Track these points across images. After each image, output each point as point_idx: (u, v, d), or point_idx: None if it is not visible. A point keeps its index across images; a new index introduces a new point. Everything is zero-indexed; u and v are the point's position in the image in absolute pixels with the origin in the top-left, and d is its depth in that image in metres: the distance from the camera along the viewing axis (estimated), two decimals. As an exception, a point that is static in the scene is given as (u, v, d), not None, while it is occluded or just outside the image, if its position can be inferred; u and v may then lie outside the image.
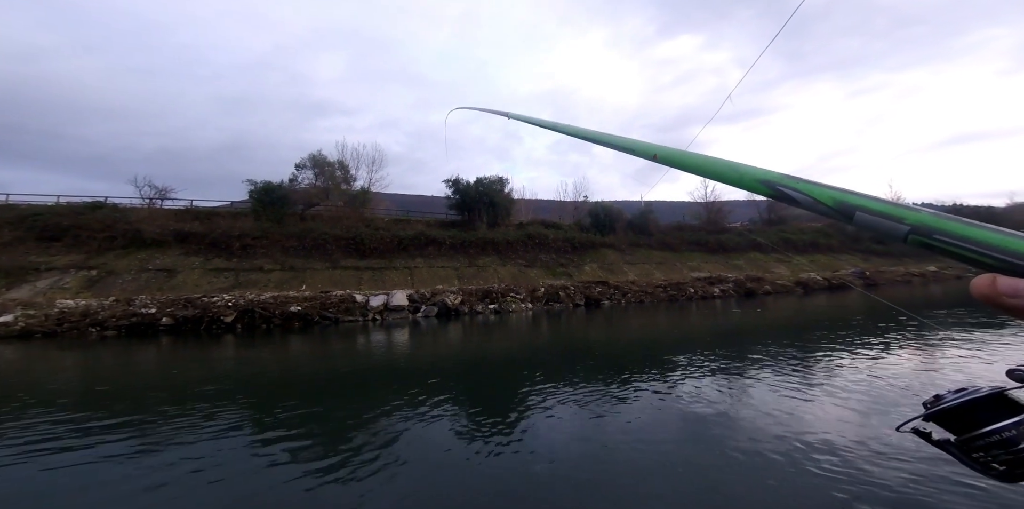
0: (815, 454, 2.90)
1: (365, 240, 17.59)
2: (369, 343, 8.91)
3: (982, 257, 0.27)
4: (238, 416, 4.12)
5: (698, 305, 14.95)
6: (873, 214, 0.31)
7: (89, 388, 5.47)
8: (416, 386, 4.99)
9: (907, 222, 0.30)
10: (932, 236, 0.28)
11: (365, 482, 2.73)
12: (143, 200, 19.84)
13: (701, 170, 0.42)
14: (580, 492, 2.55)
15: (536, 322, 11.51)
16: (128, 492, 2.65)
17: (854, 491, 2.41)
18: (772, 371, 5.18)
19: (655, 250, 23.25)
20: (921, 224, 0.29)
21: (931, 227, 0.29)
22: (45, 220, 15.10)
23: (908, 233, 0.29)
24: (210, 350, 8.37)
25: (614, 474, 2.77)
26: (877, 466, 2.68)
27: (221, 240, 16.14)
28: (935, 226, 0.29)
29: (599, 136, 0.60)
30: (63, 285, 12.72)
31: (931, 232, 0.29)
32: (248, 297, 12.04)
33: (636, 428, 3.54)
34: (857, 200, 0.32)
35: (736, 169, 0.39)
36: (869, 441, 3.05)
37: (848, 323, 9.04)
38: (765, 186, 0.37)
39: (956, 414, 0.37)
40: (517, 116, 0.85)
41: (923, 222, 0.29)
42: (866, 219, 0.31)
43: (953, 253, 0.28)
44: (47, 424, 3.89)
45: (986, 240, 0.27)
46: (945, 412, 0.37)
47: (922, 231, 0.29)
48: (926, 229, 0.29)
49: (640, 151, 0.51)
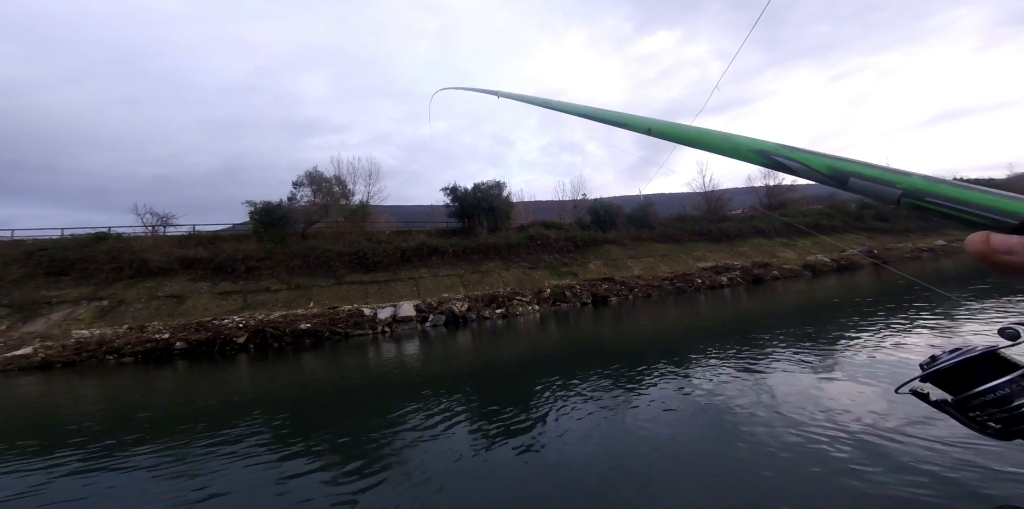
0: (840, 444, 2.88)
1: (368, 254, 17.68)
2: (380, 356, 8.94)
3: (973, 217, 0.27)
4: (260, 432, 4.14)
5: (707, 295, 14.87)
6: (866, 179, 0.32)
7: (128, 412, 5.53)
8: (431, 395, 5.00)
9: (900, 186, 0.30)
10: (924, 198, 0.29)
11: (387, 493, 2.74)
12: (146, 228, 20.09)
13: (695, 142, 0.43)
14: (603, 490, 2.54)
15: (544, 324, 11.50)
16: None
17: (883, 483, 2.39)
18: (789, 356, 5.15)
19: (658, 243, 23.19)
20: (913, 188, 0.30)
21: (922, 190, 0.29)
22: (52, 254, 15.31)
23: (901, 196, 0.30)
24: (226, 371, 8.43)
25: (636, 471, 2.76)
26: (902, 451, 2.66)
27: (226, 264, 16.28)
28: (926, 189, 0.29)
29: (592, 112, 0.59)
30: (77, 316, 12.87)
31: (923, 195, 0.29)
32: (258, 318, 12.13)
33: (655, 423, 3.53)
34: (851, 166, 0.33)
35: (731, 140, 0.40)
36: (894, 421, 3.03)
37: (861, 302, 8.97)
38: (760, 156, 0.38)
39: (952, 374, 0.37)
40: (507, 94, 0.81)
41: (915, 186, 0.30)
42: (860, 184, 0.32)
43: (945, 214, 0.29)
44: (99, 448, 3.93)
45: (976, 200, 0.27)
46: (941, 373, 0.38)
47: (914, 194, 0.30)
48: (918, 192, 0.30)
49: (634, 125, 0.51)
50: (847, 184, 0.33)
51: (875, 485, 2.28)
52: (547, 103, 0.71)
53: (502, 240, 20.01)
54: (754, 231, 25.17)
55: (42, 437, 4.61)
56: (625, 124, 0.52)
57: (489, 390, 5.30)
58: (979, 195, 0.28)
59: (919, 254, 22.43)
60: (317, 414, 4.88)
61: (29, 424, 5.34)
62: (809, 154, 0.35)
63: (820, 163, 0.34)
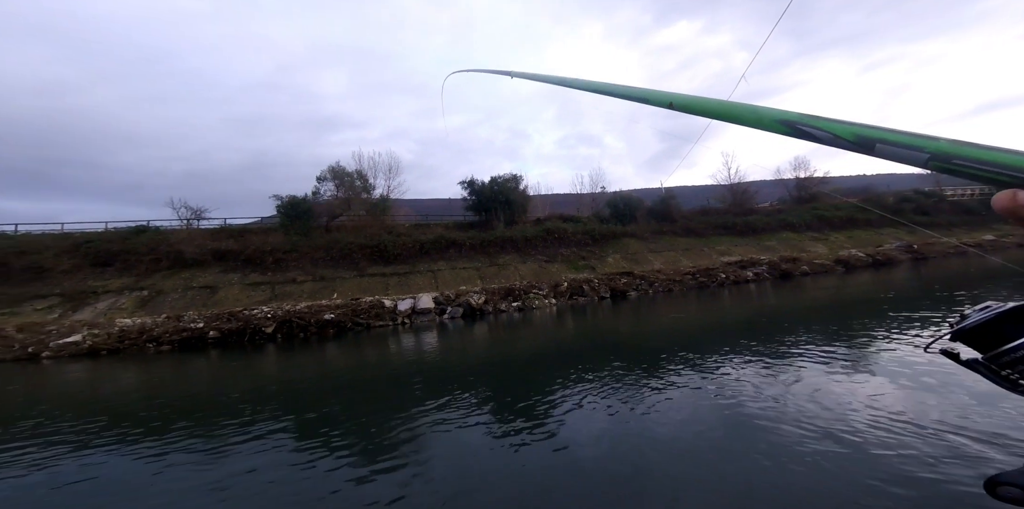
0: (866, 446, 2.76)
1: (388, 247, 18.02)
2: (400, 346, 9.15)
3: (1000, 176, 0.29)
4: (288, 420, 4.33)
5: (731, 291, 14.46)
6: (893, 145, 0.32)
7: (170, 399, 5.89)
8: (450, 387, 5.09)
9: (927, 150, 0.31)
10: (952, 161, 0.30)
11: (407, 480, 2.82)
12: (181, 221, 21.10)
13: (718, 114, 0.42)
14: (620, 485, 2.53)
15: (561, 317, 11.47)
16: (193, 487, 2.85)
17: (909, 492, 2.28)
18: (816, 355, 4.96)
19: (680, 237, 22.62)
20: (940, 151, 0.31)
21: (950, 153, 0.31)
22: (97, 247, 16.31)
23: (929, 159, 0.31)
24: (256, 360, 8.83)
25: (654, 469, 2.74)
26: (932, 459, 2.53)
27: (255, 256, 16.94)
28: (954, 152, 0.30)
29: (609, 88, 0.58)
30: (120, 306, 13.72)
31: (950, 158, 0.30)
32: (285, 308, 12.60)
33: (674, 421, 3.47)
34: (877, 133, 0.33)
35: (755, 111, 0.39)
36: (928, 423, 2.88)
37: (897, 299, 8.52)
38: (785, 125, 0.38)
39: (982, 332, 0.37)
40: (520, 74, 0.80)
41: (942, 149, 0.31)
42: (887, 150, 0.32)
43: (973, 175, 0.30)
44: (179, 432, 4.22)
45: (1003, 161, 0.29)
46: (971, 330, 0.37)
47: (942, 157, 0.31)
48: (945, 155, 0.31)
49: (655, 100, 0.50)
50: (874, 150, 0.33)
51: (903, 500, 2.18)
52: (562, 81, 0.70)
53: (519, 233, 19.97)
54: (782, 225, 24.17)
55: (99, 421, 4.97)
56: (646, 99, 0.51)
57: (506, 383, 5.35)
58: (1006, 155, 0.29)
59: (965, 249, 21.01)
60: (341, 403, 5.05)
61: (84, 409, 5.75)
62: (834, 122, 0.35)
63: (846, 130, 0.35)
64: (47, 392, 7.02)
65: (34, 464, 3.57)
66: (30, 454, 3.80)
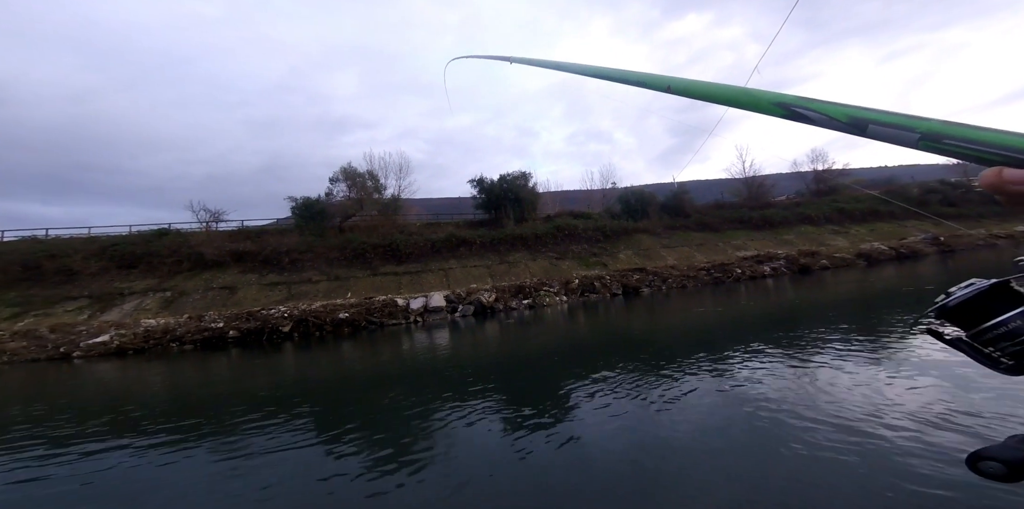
0: (893, 452, 2.67)
1: (400, 246, 18.22)
2: (414, 344, 9.25)
3: (988, 155, 0.29)
4: (304, 417, 4.43)
5: (747, 286, 14.16)
6: (885, 125, 0.33)
7: (193, 397, 6.09)
8: (462, 384, 5.13)
9: (918, 130, 0.32)
10: (942, 141, 0.31)
11: (417, 480, 2.85)
12: (200, 223, 21.72)
13: (716, 97, 0.43)
14: (627, 483, 2.51)
15: (572, 315, 11.42)
16: (205, 484, 2.94)
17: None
18: (837, 351, 4.82)
19: (694, 231, 22.25)
20: (931, 131, 0.31)
21: (940, 133, 0.31)
22: (122, 249, 16.93)
23: (920, 139, 0.32)
24: (275, 358, 9.05)
25: (667, 471, 2.71)
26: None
27: (272, 257, 17.34)
28: (944, 132, 0.31)
29: (607, 72, 0.58)
30: (145, 307, 14.22)
31: (940, 137, 0.31)
32: (301, 307, 12.88)
33: (687, 421, 3.43)
34: (869, 114, 0.33)
35: (750, 93, 0.40)
36: (947, 425, 2.77)
37: (920, 292, 8.21)
38: (780, 108, 0.38)
39: (965, 309, 0.37)
40: (520, 59, 0.81)
41: (932, 129, 0.31)
42: (879, 130, 0.33)
43: (963, 154, 0.31)
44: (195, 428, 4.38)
45: (991, 140, 0.29)
46: (954, 308, 0.37)
47: (932, 137, 0.31)
48: (935, 135, 0.31)
49: (652, 84, 0.51)
50: (867, 131, 0.34)
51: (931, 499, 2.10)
52: (559, 66, 0.70)
53: (529, 231, 19.94)
54: (800, 218, 23.55)
55: (124, 419, 5.17)
56: (643, 83, 0.52)
57: (518, 381, 5.36)
58: (994, 134, 0.29)
59: (995, 241, 20.13)
60: (356, 401, 5.14)
61: (110, 406, 5.99)
62: (828, 104, 0.36)
63: (839, 112, 0.35)
64: (81, 389, 7.34)
65: (72, 455, 3.74)
66: (64, 447, 3.98)
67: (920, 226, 23.31)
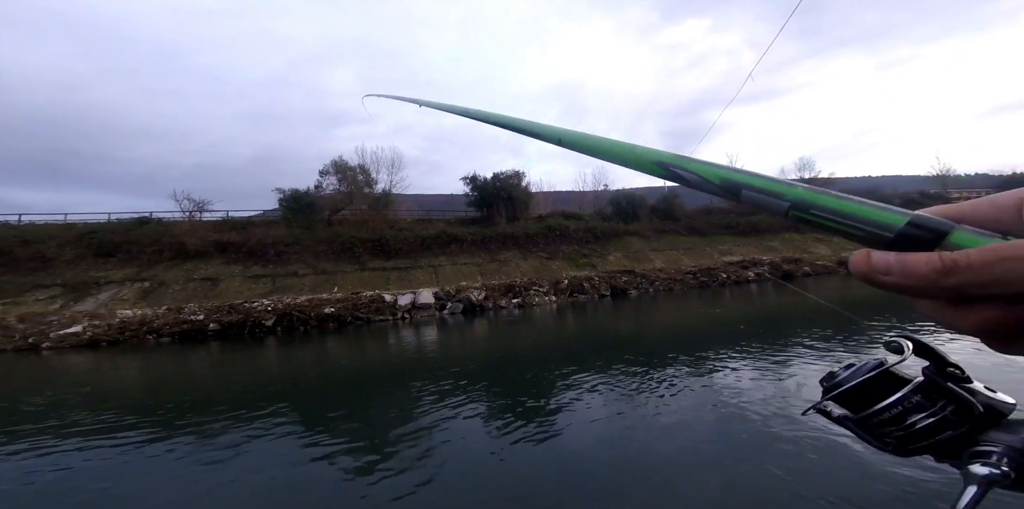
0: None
1: (390, 241, 18.02)
2: (400, 342, 9.16)
3: (854, 230, 0.27)
4: (284, 415, 4.34)
5: (732, 291, 14.40)
6: (757, 191, 0.31)
7: (169, 392, 5.91)
8: (448, 384, 5.09)
9: (787, 198, 0.30)
10: (809, 211, 0.29)
11: (402, 477, 2.81)
12: (184, 213, 21.14)
13: (602, 153, 0.42)
14: (614, 487, 2.52)
15: (561, 315, 11.46)
16: (186, 481, 2.86)
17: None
18: (816, 356, 4.92)
19: (683, 236, 22.53)
20: (799, 199, 0.29)
21: (808, 202, 0.29)
22: (100, 237, 16.36)
23: (789, 209, 0.30)
24: (256, 353, 8.86)
25: (648, 471, 2.72)
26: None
27: (257, 248, 16.97)
28: (811, 201, 0.29)
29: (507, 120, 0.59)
30: (121, 297, 13.78)
31: (807, 207, 0.29)
32: (285, 301, 12.63)
33: (669, 422, 3.46)
34: (742, 178, 0.32)
35: (633, 151, 0.39)
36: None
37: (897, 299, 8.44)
38: (660, 167, 0.37)
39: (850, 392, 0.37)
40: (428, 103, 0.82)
41: (800, 197, 0.29)
42: (751, 196, 0.31)
43: (829, 227, 0.29)
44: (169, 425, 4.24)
45: (855, 212, 0.27)
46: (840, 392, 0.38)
47: (800, 206, 0.29)
48: (803, 204, 0.29)
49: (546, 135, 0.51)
50: (740, 196, 0.32)
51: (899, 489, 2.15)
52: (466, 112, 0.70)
53: (520, 230, 19.93)
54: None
55: (97, 414, 4.99)
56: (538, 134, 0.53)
57: (504, 380, 5.34)
58: (857, 207, 0.27)
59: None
60: (339, 399, 5.05)
61: (85, 401, 5.78)
62: (704, 165, 0.34)
63: (713, 174, 0.33)
64: (48, 382, 7.07)
65: (36, 451, 3.59)
66: (29, 443, 3.82)
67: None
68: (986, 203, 0.25)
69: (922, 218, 0.25)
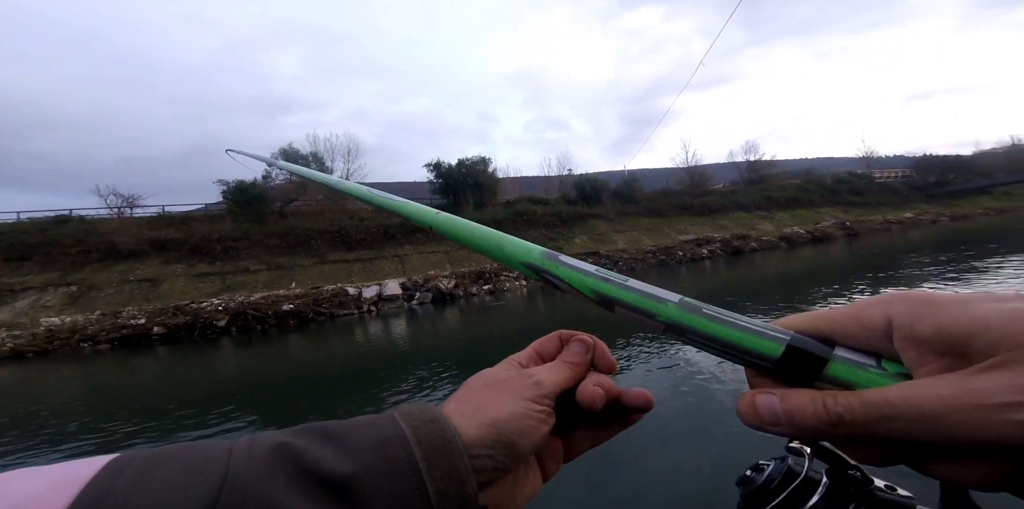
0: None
1: (350, 232, 17.29)
2: (367, 336, 8.95)
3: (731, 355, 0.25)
4: (243, 418, 4.15)
5: (688, 268, 15.26)
6: (629, 309, 0.28)
7: (113, 402, 5.43)
8: (420, 373, 5.07)
9: (660, 318, 0.27)
10: (684, 334, 0.26)
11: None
12: (111, 210, 19.05)
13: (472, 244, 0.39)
14: (585, 470, 2.66)
15: (531, 299, 11.66)
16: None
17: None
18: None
19: (643, 217, 23.40)
20: (670, 320, 0.26)
21: (678, 323, 0.26)
22: (9, 239, 14.43)
23: (665, 329, 0.27)
24: (209, 356, 8.32)
25: (622, 449, 2.89)
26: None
27: (201, 245, 15.70)
28: (683, 323, 0.26)
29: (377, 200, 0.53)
30: (45, 303, 12.34)
31: (682, 329, 0.26)
32: (238, 300, 11.87)
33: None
34: (615, 291, 0.28)
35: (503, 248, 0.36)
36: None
37: (834, 272, 9.36)
38: (529, 269, 0.34)
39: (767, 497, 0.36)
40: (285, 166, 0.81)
41: (671, 317, 0.26)
42: (625, 313, 0.28)
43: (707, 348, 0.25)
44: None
45: (730, 339, 0.24)
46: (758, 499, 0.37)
47: (673, 326, 0.26)
48: (675, 325, 0.26)
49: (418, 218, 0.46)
50: (615, 310, 0.29)
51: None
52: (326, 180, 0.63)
53: (488, 216, 19.81)
54: (735, 205, 25.60)
55: (27, 431, 4.51)
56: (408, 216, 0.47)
57: (476, 369, 5.40)
58: (731, 332, 0.24)
59: (888, 226, 23.38)
60: (303, 399, 4.90)
61: (11, 419, 5.20)
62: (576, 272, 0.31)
63: (585, 285, 0.30)
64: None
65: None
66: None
67: (832, 212, 26.38)
68: (855, 324, 0.22)
69: (798, 344, 0.23)
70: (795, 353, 0.23)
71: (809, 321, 0.24)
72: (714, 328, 0.25)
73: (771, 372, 0.24)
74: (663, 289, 0.28)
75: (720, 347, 0.25)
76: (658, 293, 0.28)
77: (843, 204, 28.44)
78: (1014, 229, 15.55)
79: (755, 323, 0.24)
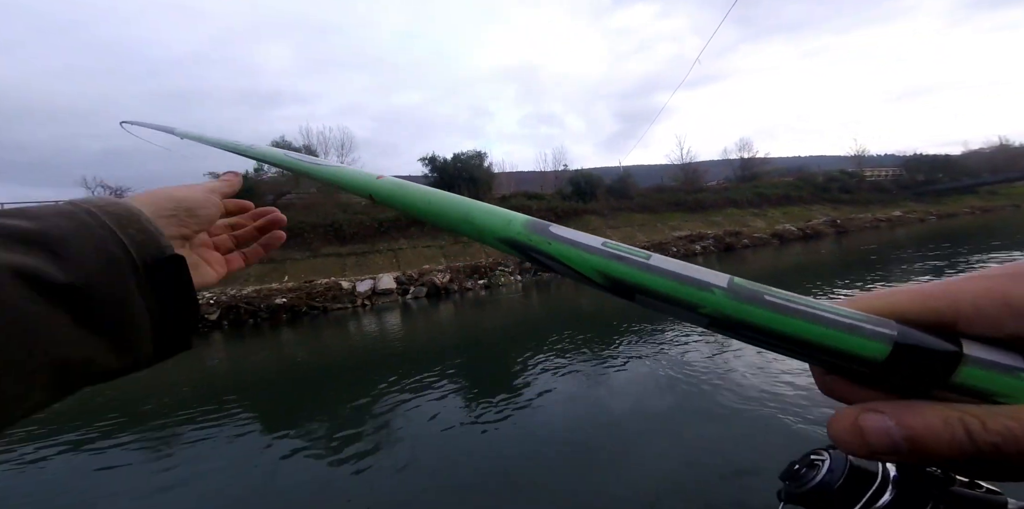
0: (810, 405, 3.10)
1: (344, 226, 17.12)
2: (361, 330, 8.90)
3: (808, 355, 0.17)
4: (238, 412, 4.11)
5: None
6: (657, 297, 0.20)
7: (100, 398, 5.32)
8: (413, 370, 5.06)
9: (702, 311, 0.19)
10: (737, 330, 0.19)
11: (378, 464, 2.80)
12: (97, 202, 18.58)
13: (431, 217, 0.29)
14: (582, 459, 2.67)
15: (527, 293, 11.67)
16: (145, 486, 2.65)
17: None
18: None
19: (637, 213, 23.48)
20: (718, 312, 0.19)
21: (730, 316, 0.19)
22: (-10, 231, 14.03)
23: (709, 323, 0.19)
24: (200, 350, 8.21)
25: (613, 439, 2.91)
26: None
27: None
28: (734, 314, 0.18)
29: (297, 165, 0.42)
30: (27, 297, 12.05)
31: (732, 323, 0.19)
32: (230, 293, 11.71)
33: (629, 393, 3.70)
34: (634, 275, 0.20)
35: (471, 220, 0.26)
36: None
37: (822, 267, 9.51)
38: (509, 246, 0.24)
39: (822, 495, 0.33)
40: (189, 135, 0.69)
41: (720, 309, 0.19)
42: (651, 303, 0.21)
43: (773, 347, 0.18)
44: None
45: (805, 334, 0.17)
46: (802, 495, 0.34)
47: (722, 321, 0.19)
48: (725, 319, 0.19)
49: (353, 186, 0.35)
50: (635, 299, 0.21)
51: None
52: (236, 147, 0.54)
53: (482, 212, 19.71)
54: (727, 201, 25.80)
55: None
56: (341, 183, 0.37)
57: (471, 363, 5.41)
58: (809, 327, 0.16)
59: (878, 223, 23.76)
60: (297, 392, 4.86)
61: None
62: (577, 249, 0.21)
63: (588, 266, 0.21)
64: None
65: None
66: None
67: (822, 210, 26.72)
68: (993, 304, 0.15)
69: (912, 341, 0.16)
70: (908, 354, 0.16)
71: (917, 299, 0.16)
72: (784, 323, 0.17)
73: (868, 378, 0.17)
74: (705, 268, 0.20)
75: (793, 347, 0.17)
76: (698, 275, 0.20)
77: (833, 202, 28.80)
78: (999, 227, 15.92)
79: (844, 312, 0.17)
